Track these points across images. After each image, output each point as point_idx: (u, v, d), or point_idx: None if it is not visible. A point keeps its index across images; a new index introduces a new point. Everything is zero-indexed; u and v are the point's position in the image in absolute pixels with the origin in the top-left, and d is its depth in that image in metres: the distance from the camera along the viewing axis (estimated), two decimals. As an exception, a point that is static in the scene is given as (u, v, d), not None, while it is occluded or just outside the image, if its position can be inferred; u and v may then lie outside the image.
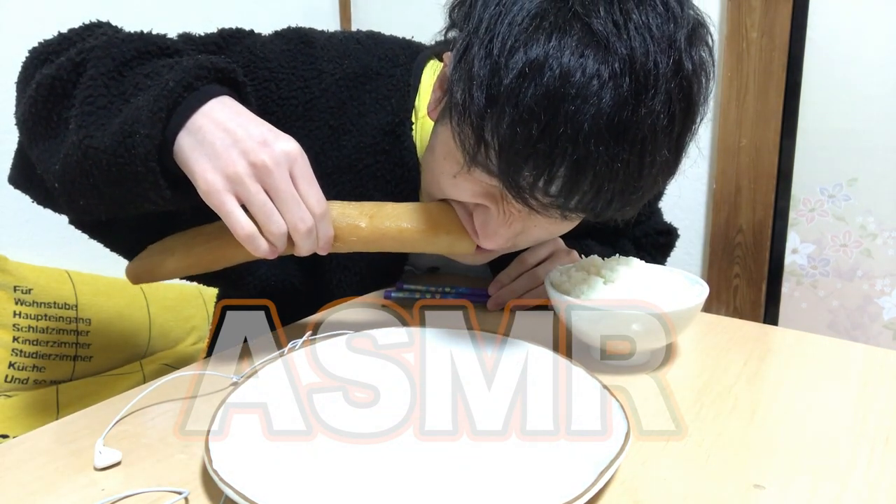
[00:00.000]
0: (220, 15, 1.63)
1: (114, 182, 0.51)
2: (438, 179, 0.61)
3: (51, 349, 1.17)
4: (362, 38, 0.73)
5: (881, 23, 1.34)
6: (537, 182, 0.49)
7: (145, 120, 0.49)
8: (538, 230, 0.61)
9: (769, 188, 1.49)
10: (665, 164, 0.50)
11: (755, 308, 1.55)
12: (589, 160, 0.47)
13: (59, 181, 0.54)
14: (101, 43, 0.56)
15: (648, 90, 0.47)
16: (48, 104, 0.55)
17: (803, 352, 0.63)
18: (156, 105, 0.50)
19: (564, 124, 0.46)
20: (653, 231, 0.92)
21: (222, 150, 0.49)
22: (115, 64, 0.54)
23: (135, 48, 0.56)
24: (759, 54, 1.44)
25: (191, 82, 0.51)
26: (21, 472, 0.44)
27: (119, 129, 0.50)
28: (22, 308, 1.16)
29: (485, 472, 0.43)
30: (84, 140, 0.51)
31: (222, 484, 0.38)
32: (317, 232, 0.53)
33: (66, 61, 0.55)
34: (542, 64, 0.46)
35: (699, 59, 0.50)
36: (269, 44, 0.70)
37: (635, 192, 0.51)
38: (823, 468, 0.44)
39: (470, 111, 0.49)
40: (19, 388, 1.15)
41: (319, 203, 0.52)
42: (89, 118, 0.52)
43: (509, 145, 0.48)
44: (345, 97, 0.69)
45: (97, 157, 0.50)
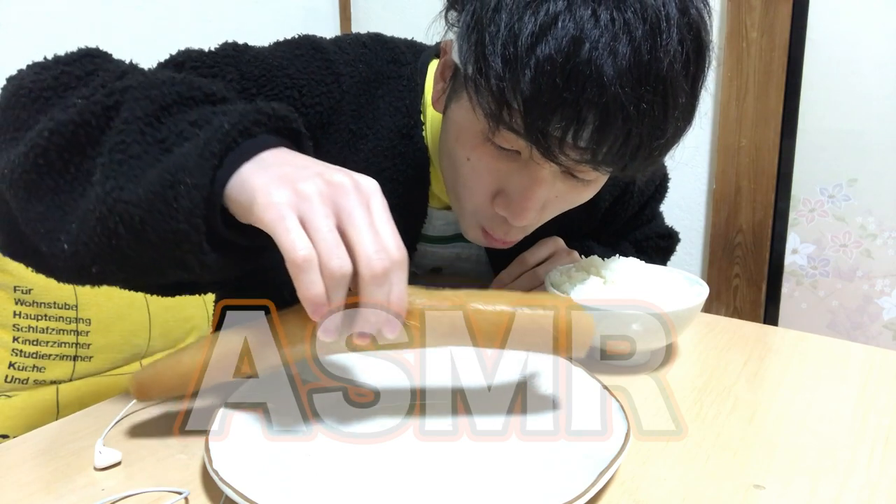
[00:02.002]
0: (220, 15, 1.63)
1: (145, 244, 0.43)
2: (456, 167, 0.60)
3: (51, 349, 1.17)
4: (367, 41, 0.72)
5: (881, 23, 1.34)
6: (566, 134, 0.49)
7: (193, 167, 0.42)
8: (559, 201, 0.60)
9: (769, 188, 1.49)
10: (685, 108, 0.52)
11: (755, 308, 1.55)
12: (617, 103, 0.47)
13: (73, 244, 0.45)
14: (136, 83, 0.48)
15: (662, 33, 0.48)
16: (66, 154, 0.46)
17: (803, 352, 0.63)
18: (206, 150, 0.42)
19: (588, 68, 0.47)
20: (654, 234, 0.92)
21: (292, 171, 0.42)
22: (153, 108, 0.46)
23: (177, 92, 0.48)
24: (759, 54, 1.44)
25: (247, 127, 0.44)
26: (21, 472, 0.44)
27: (158, 179, 0.42)
28: (22, 308, 1.16)
29: (485, 472, 0.43)
30: (112, 192, 0.42)
31: (222, 484, 0.38)
32: (390, 283, 0.41)
33: (93, 104, 0.46)
34: (554, 19, 0.47)
35: (701, 6, 0.52)
36: (278, 52, 0.66)
37: (661, 138, 0.51)
38: (823, 468, 0.44)
39: (489, 77, 0.49)
40: (19, 388, 1.15)
41: (399, 247, 0.42)
42: (120, 167, 0.43)
43: (535, 100, 0.48)
44: (362, 101, 0.69)
45: (127, 213, 0.42)
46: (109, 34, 1.38)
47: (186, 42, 0.68)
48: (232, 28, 1.65)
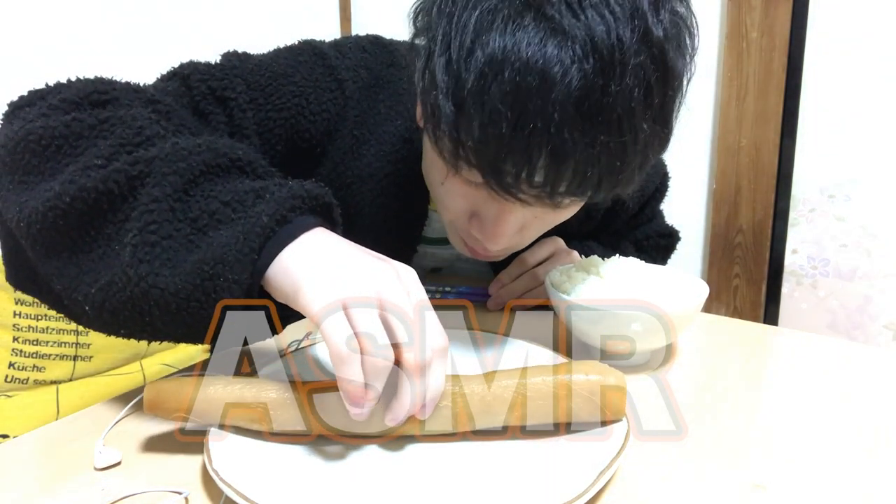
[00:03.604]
0: (220, 15, 1.63)
1: (179, 324, 0.45)
2: (433, 188, 0.61)
3: (51, 349, 1.17)
4: (367, 45, 0.72)
5: (881, 23, 1.34)
6: (520, 176, 0.48)
7: (232, 262, 0.42)
8: (538, 222, 0.60)
9: (769, 188, 1.49)
10: (652, 135, 0.49)
11: (755, 308, 1.55)
12: (566, 148, 0.46)
13: (97, 309, 0.45)
14: (163, 154, 0.47)
15: (615, 68, 0.45)
16: (86, 218, 0.46)
17: (803, 352, 0.63)
18: (246, 245, 0.43)
19: (534, 118, 0.45)
20: (654, 233, 0.92)
21: (335, 259, 0.43)
22: (181, 182, 0.45)
23: (203, 161, 0.47)
24: (759, 54, 1.44)
25: (284, 215, 0.45)
26: (21, 472, 0.44)
27: (196, 271, 0.42)
28: (22, 308, 1.16)
29: (485, 472, 0.43)
30: (147, 278, 0.43)
31: (222, 484, 0.38)
32: (431, 373, 0.43)
33: (116, 172, 0.45)
34: (501, 61, 0.45)
35: (670, 20, 0.48)
36: (280, 59, 0.66)
37: (624, 171, 0.49)
38: (823, 468, 0.44)
39: (441, 120, 0.49)
40: (19, 388, 1.15)
41: (441, 335, 0.44)
42: (153, 250, 0.43)
43: (485, 147, 0.48)
44: (364, 106, 0.68)
45: (163, 300, 0.43)
46: (109, 34, 1.38)
47: (186, 43, 0.68)
48: (232, 28, 1.64)
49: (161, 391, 0.44)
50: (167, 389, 0.44)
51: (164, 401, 0.44)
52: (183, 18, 1.55)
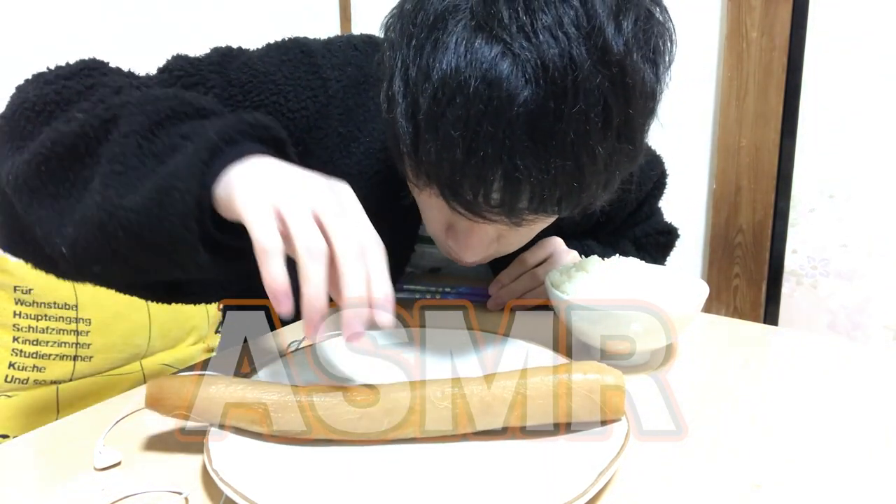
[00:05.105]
0: (220, 15, 1.63)
1: (143, 247, 0.45)
2: (415, 196, 0.61)
3: (51, 349, 1.17)
4: (359, 43, 0.72)
5: (881, 22, 1.34)
6: (477, 197, 0.49)
7: (184, 174, 0.44)
8: (513, 234, 0.60)
9: (769, 188, 1.49)
10: (616, 154, 0.48)
11: (755, 308, 1.55)
12: (520, 173, 0.46)
13: (71, 247, 0.47)
14: (133, 100, 0.50)
15: (568, 90, 0.44)
16: (65, 162, 0.48)
17: (803, 352, 0.63)
18: (195, 158, 0.45)
19: (486, 143, 0.45)
20: (653, 231, 0.92)
21: (271, 171, 0.45)
22: (149, 122, 0.48)
23: (170, 107, 0.50)
24: (759, 54, 1.44)
25: (232, 136, 0.47)
26: (21, 472, 0.44)
27: (154, 187, 0.44)
28: (22, 308, 1.16)
29: (485, 472, 0.43)
30: (112, 200, 0.44)
31: (222, 484, 0.38)
32: (367, 262, 0.42)
33: (92, 117, 0.49)
34: (453, 87, 0.45)
35: (631, 31, 0.46)
36: (266, 57, 0.67)
37: (585, 190, 0.49)
38: (823, 468, 0.44)
39: (399, 140, 0.50)
40: (19, 388, 1.15)
41: (374, 233, 0.44)
42: (118, 178, 0.45)
43: (441, 169, 0.48)
44: (351, 104, 0.69)
45: (126, 218, 0.44)
46: (109, 34, 1.38)
47: (185, 41, 0.68)
48: (232, 28, 1.65)
49: (163, 387, 0.45)
50: (169, 386, 0.45)
51: (166, 397, 0.44)
52: (183, 18, 1.55)
